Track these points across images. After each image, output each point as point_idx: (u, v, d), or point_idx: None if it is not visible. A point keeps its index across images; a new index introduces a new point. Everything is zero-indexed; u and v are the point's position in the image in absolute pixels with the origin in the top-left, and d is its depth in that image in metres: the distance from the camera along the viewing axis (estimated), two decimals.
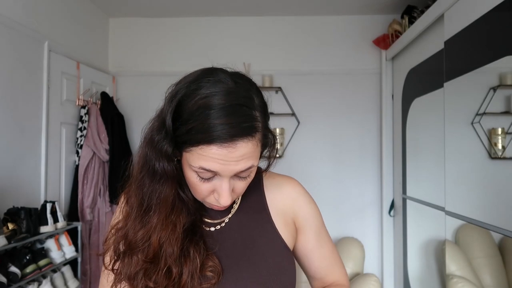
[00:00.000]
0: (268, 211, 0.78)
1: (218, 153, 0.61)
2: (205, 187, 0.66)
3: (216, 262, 0.69)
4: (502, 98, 1.52)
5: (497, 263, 1.61)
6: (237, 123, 0.61)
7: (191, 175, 0.65)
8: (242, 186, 0.69)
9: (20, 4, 2.07)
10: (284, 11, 2.96)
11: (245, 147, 0.62)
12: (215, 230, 0.75)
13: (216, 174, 0.64)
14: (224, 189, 0.65)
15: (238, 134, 0.61)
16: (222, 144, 0.61)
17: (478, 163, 1.64)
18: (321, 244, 0.83)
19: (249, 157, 0.64)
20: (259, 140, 0.66)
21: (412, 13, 2.49)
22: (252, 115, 0.64)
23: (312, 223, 0.82)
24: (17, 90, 2.04)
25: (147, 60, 3.08)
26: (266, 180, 0.82)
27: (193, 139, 0.62)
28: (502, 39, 1.45)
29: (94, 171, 2.53)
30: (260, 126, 0.65)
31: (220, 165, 0.62)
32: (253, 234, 0.75)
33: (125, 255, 0.68)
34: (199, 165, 0.62)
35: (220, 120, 0.60)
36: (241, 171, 0.64)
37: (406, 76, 2.58)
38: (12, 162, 2.00)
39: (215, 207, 0.70)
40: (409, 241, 2.55)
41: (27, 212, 1.83)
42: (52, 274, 1.97)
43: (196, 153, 0.62)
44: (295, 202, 0.80)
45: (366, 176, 2.98)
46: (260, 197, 0.79)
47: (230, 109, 0.61)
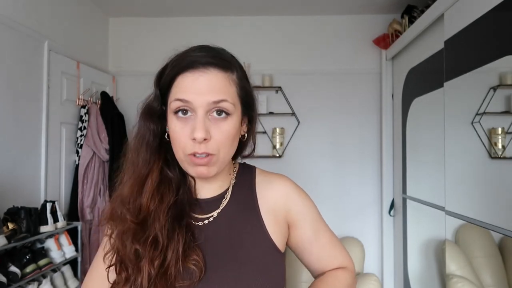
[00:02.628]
0: (258, 209, 0.77)
1: (191, 79, 0.67)
2: (184, 133, 0.67)
3: (199, 256, 0.69)
4: (502, 97, 1.52)
5: (497, 262, 1.61)
6: (212, 55, 0.69)
7: (173, 124, 0.69)
8: (220, 136, 0.68)
9: (20, 4, 2.07)
10: (284, 11, 2.96)
11: (218, 77, 0.68)
12: (203, 224, 0.74)
13: (192, 112, 0.67)
14: (199, 121, 0.66)
15: (211, 62, 0.68)
16: (194, 70, 0.67)
17: (478, 162, 1.64)
18: (318, 236, 0.82)
19: (222, 91, 0.68)
20: (234, 82, 0.71)
21: (412, 12, 2.49)
22: (230, 58, 0.72)
23: (307, 216, 0.81)
24: (17, 90, 2.04)
25: (147, 60, 3.08)
26: (258, 177, 0.82)
27: (170, 75, 0.69)
28: (502, 39, 1.45)
29: (94, 171, 2.53)
30: (236, 72, 0.72)
31: (193, 94, 0.66)
32: (241, 232, 0.74)
33: (118, 216, 0.71)
34: (175, 97, 0.68)
35: (196, 52, 0.69)
36: (213, 103, 0.67)
37: (406, 76, 2.58)
38: (12, 162, 2.00)
39: (197, 160, 0.68)
40: (409, 240, 2.55)
41: (27, 212, 1.83)
42: (52, 274, 1.97)
43: (174, 91, 0.69)
44: (286, 198, 0.80)
45: (366, 175, 2.98)
46: (251, 194, 0.79)
47: (207, 47, 0.71)
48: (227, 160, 0.73)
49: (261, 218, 0.76)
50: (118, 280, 0.69)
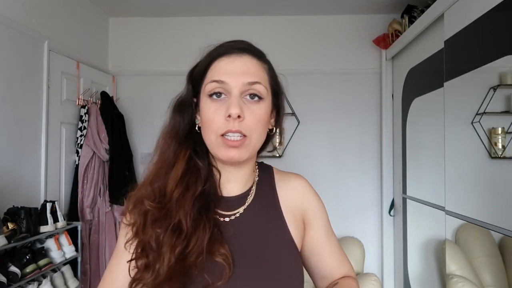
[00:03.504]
0: (280, 208, 0.78)
1: (227, 62, 0.71)
2: (218, 113, 0.69)
3: (227, 251, 0.68)
4: (502, 97, 1.52)
5: (497, 262, 1.61)
6: (246, 45, 0.74)
7: (207, 106, 0.70)
8: (253, 118, 0.69)
9: (20, 4, 2.07)
10: (284, 11, 2.96)
11: (252, 63, 0.72)
12: (229, 220, 0.74)
13: (227, 94, 0.69)
14: (234, 99, 0.68)
15: (246, 49, 0.73)
16: (229, 55, 0.71)
17: (478, 162, 1.64)
18: (329, 240, 0.83)
19: (256, 74, 0.71)
20: (266, 70, 0.75)
21: (412, 12, 2.49)
22: (261, 51, 0.76)
23: (321, 218, 0.82)
24: (17, 89, 2.04)
25: (147, 60, 3.08)
26: (276, 176, 0.83)
27: (206, 62, 0.73)
28: (502, 39, 1.45)
29: (94, 171, 2.53)
30: (268, 63, 0.76)
31: (229, 75, 0.69)
32: (265, 230, 0.74)
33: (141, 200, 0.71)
34: (211, 79, 0.70)
35: (229, 42, 0.74)
36: (248, 84, 0.69)
37: (406, 76, 2.58)
38: (12, 162, 2.00)
39: (230, 142, 0.68)
40: (409, 240, 2.55)
41: (27, 212, 1.83)
42: (52, 274, 1.97)
43: (209, 74, 0.71)
44: (304, 197, 0.81)
45: (366, 175, 2.98)
46: (272, 192, 0.80)
47: (240, 40, 0.76)
48: (257, 147, 0.74)
49: (283, 217, 0.77)
50: (139, 266, 0.68)
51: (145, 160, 3.04)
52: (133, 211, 0.72)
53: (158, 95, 3.06)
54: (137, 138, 3.05)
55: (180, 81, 3.17)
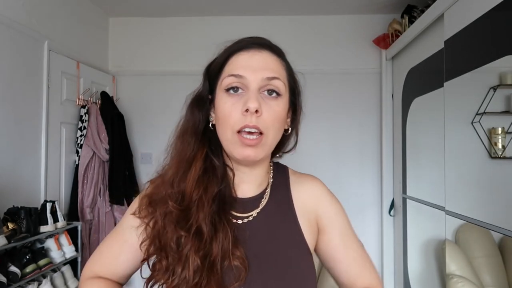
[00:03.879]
0: (294, 210, 0.76)
1: (246, 57, 0.69)
2: (235, 108, 0.67)
3: (242, 254, 0.67)
4: (502, 97, 1.52)
5: (497, 262, 1.61)
6: (266, 41, 0.73)
7: (223, 101, 0.69)
8: (270, 114, 0.67)
9: (20, 3, 2.07)
10: (284, 11, 2.96)
11: (271, 58, 0.71)
12: (242, 222, 0.72)
13: (244, 88, 0.68)
14: (252, 94, 0.66)
15: (264, 45, 0.72)
16: (249, 50, 0.70)
17: (478, 162, 1.64)
18: (347, 245, 0.78)
19: (275, 70, 0.70)
20: (284, 67, 0.73)
21: (412, 12, 2.49)
22: (281, 49, 0.75)
23: (336, 222, 0.79)
24: (17, 89, 2.04)
25: (147, 60, 3.08)
26: (291, 177, 0.81)
27: (223, 57, 0.71)
28: (502, 39, 1.45)
29: (94, 171, 2.53)
30: (286, 63, 0.75)
31: (247, 69, 0.68)
32: (279, 233, 0.73)
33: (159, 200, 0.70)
34: (229, 73, 0.68)
35: (248, 38, 0.73)
36: (267, 79, 0.67)
37: (406, 76, 2.58)
38: (12, 162, 2.00)
39: (246, 140, 0.66)
40: (409, 240, 2.55)
41: (27, 212, 1.83)
42: (52, 274, 1.97)
43: (227, 69, 0.70)
44: (318, 200, 0.79)
45: (366, 175, 2.98)
46: (287, 194, 0.78)
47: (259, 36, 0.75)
48: (273, 146, 0.72)
49: (297, 219, 0.75)
50: (158, 267, 0.67)
51: (145, 160, 3.04)
52: (149, 209, 0.71)
53: (158, 95, 3.07)
54: (137, 138, 3.05)
55: (180, 81, 3.20)
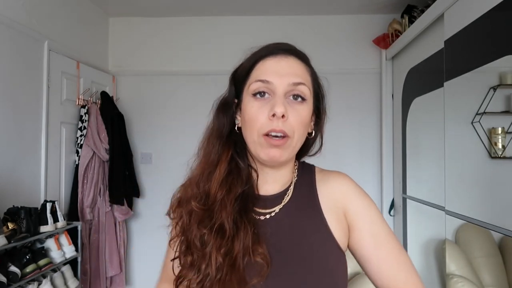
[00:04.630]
0: (320, 207, 0.75)
1: (273, 62, 0.71)
2: (262, 112, 0.69)
3: (265, 250, 0.68)
4: (502, 97, 1.52)
5: (497, 262, 1.61)
6: (292, 47, 0.75)
7: (250, 105, 0.71)
8: (296, 118, 0.69)
9: (20, 3, 2.07)
10: (284, 11, 2.96)
11: (297, 64, 0.73)
12: (264, 218, 0.74)
13: (271, 93, 0.70)
14: (278, 98, 0.68)
15: (290, 51, 0.73)
16: (275, 56, 0.72)
17: (478, 162, 1.64)
18: (378, 243, 0.72)
19: (301, 75, 0.72)
20: (310, 73, 0.76)
21: (412, 12, 2.49)
22: (307, 55, 0.77)
23: (365, 218, 0.74)
24: (17, 89, 2.04)
25: (147, 60, 3.08)
26: (317, 175, 0.82)
27: (250, 62, 0.73)
28: (502, 39, 1.45)
29: (94, 171, 2.53)
30: (311, 69, 0.77)
31: (274, 75, 0.70)
32: (303, 229, 0.73)
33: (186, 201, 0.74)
34: (256, 78, 0.70)
35: (274, 44, 0.74)
36: (293, 84, 0.69)
37: (406, 76, 2.58)
38: (12, 162, 2.00)
39: (273, 141, 0.68)
40: (409, 240, 2.55)
41: (27, 212, 1.83)
42: (52, 274, 1.97)
43: (254, 74, 0.72)
44: (344, 196, 0.76)
45: (366, 175, 2.98)
46: (312, 192, 0.78)
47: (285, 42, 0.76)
48: (297, 149, 0.74)
49: (323, 216, 0.74)
50: (184, 263, 0.70)
51: (145, 160, 3.04)
52: (178, 210, 0.75)
53: (158, 95, 3.07)
54: (137, 138, 3.05)
55: (180, 81, 3.20)
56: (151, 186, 3.02)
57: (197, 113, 2.70)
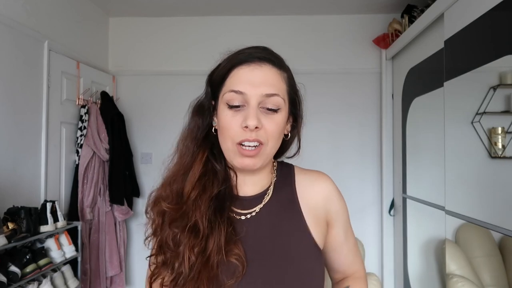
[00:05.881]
0: (299, 208, 0.77)
1: (246, 71, 0.70)
2: (236, 121, 0.69)
3: (241, 251, 0.69)
4: (502, 97, 1.52)
5: (497, 262, 1.61)
6: (267, 53, 0.73)
7: (224, 113, 0.71)
8: (270, 126, 0.70)
9: (20, 4, 2.07)
10: (284, 11, 2.96)
11: (271, 73, 0.71)
12: (245, 218, 0.74)
13: (245, 103, 0.69)
14: (251, 110, 0.68)
15: (265, 58, 0.72)
16: (249, 64, 0.71)
17: (478, 162, 1.64)
18: (347, 238, 0.84)
19: (275, 85, 0.71)
20: (285, 79, 0.75)
21: (412, 12, 2.49)
22: (281, 59, 0.75)
23: (342, 218, 0.83)
24: (17, 89, 2.04)
25: (147, 60, 3.08)
26: (297, 176, 0.82)
27: (226, 67, 0.72)
28: (502, 38, 1.45)
29: (94, 171, 2.53)
30: (287, 71, 0.76)
31: (248, 85, 0.69)
32: (282, 229, 0.74)
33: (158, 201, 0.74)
34: (230, 89, 0.70)
35: (251, 49, 0.73)
36: (266, 95, 0.69)
37: (406, 76, 2.58)
38: (12, 162, 2.00)
39: (245, 151, 0.69)
40: (409, 240, 2.55)
41: (27, 212, 1.83)
42: (52, 274, 1.97)
43: (228, 82, 0.71)
44: (327, 199, 0.80)
45: (366, 175, 2.98)
46: (291, 192, 0.79)
47: (262, 46, 0.75)
48: (272, 155, 0.75)
49: (302, 216, 0.76)
50: (157, 263, 0.71)
51: (145, 160, 3.04)
52: (153, 210, 0.75)
53: (158, 95, 3.07)
54: (137, 138, 3.05)
55: (180, 81, 3.20)
56: (151, 186, 3.00)
57: None
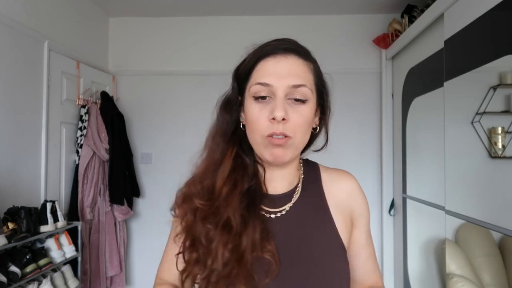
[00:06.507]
0: (327, 208, 0.77)
1: (272, 63, 0.70)
2: (263, 114, 0.69)
3: (273, 247, 0.68)
4: (502, 97, 1.52)
5: (497, 262, 1.61)
6: (292, 44, 0.73)
7: (252, 107, 0.70)
8: (298, 118, 0.69)
9: (20, 3, 2.07)
10: (284, 11, 2.96)
11: (297, 64, 0.71)
12: (275, 217, 0.74)
13: (272, 96, 0.69)
14: (278, 102, 0.68)
15: (291, 49, 0.71)
16: (275, 56, 0.70)
17: (478, 162, 1.64)
18: (367, 244, 0.83)
19: (301, 76, 0.70)
20: (312, 70, 0.74)
21: (412, 12, 2.49)
22: (307, 49, 0.75)
23: (364, 220, 0.81)
24: (17, 89, 2.04)
25: (147, 60, 3.08)
26: (323, 174, 0.83)
27: (251, 61, 0.72)
28: (501, 39, 1.45)
29: (94, 171, 2.53)
30: (314, 62, 0.75)
31: (274, 77, 0.68)
32: (312, 228, 0.74)
33: (190, 197, 0.73)
34: (256, 81, 0.70)
35: (276, 41, 0.73)
36: (293, 86, 0.68)
37: (406, 76, 2.58)
38: (12, 162, 2.00)
39: (274, 140, 0.68)
40: (409, 240, 2.55)
41: (27, 212, 1.83)
42: (52, 274, 1.97)
43: (255, 75, 0.71)
44: (352, 197, 0.80)
45: (366, 175, 2.98)
46: (319, 190, 0.79)
47: (287, 38, 0.75)
48: (301, 147, 0.75)
49: (330, 215, 0.76)
50: (188, 259, 0.70)
51: (145, 160, 3.04)
52: (182, 206, 0.74)
53: (158, 95, 3.07)
54: (137, 138, 3.05)
55: (180, 81, 3.19)
56: (151, 186, 3.02)
57: (197, 112, 2.71)
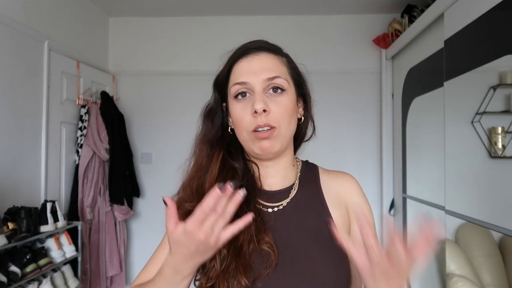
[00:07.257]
0: (325, 203, 0.78)
1: (245, 63, 0.74)
2: (245, 111, 0.72)
3: (271, 239, 0.69)
4: (502, 97, 1.53)
5: (497, 262, 1.61)
6: (261, 43, 0.78)
7: (234, 107, 0.74)
8: (278, 108, 0.72)
9: (20, 3, 2.07)
10: (284, 10, 2.96)
11: (268, 59, 0.75)
12: (272, 211, 0.76)
13: (251, 92, 0.73)
14: (257, 96, 0.71)
15: (262, 47, 0.76)
16: (247, 56, 0.75)
17: (478, 162, 1.64)
18: None
19: (274, 69, 0.74)
20: (284, 63, 0.78)
21: (412, 12, 2.49)
22: (277, 46, 0.79)
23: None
24: (17, 89, 2.04)
25: (147, 60, 3.08)
26: (322, 175, 0.84)
27: (226, 67, 0.76)
28: (502, 38, 1.45)
29: (94, 171, 2.53)
30: (286, 56, 0.79)
31: (249, 74, 0.73)
32: (310, 225, 0.75)
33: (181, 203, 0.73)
34: (234, 82, 0.74)
35: (245, 44, 0.78)
36: (268, 79, 0.72)
37: (406, 75, 2.58)
38: (12, 162, 2.00)
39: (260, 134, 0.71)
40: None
41: (27, 212, 1.83)
42: (52, 274, 1.97)
43: (232, 78, 0.75)
44: (348, 189, 0.81)
45: (366, 175, 2.98)
46: (316, 188, 0.81)
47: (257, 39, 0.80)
48: (288, 137, 0.76)
49: (329, 212, 0.77)
50: None
51: (145, 160, 3.04)
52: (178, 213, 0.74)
53: (158, 95, 3.07)
54: (137, 138, 3.05)
55: (180, 81, 3.19)
56: (151, 186, 3.02)
57: (197, 113, 2.69)
